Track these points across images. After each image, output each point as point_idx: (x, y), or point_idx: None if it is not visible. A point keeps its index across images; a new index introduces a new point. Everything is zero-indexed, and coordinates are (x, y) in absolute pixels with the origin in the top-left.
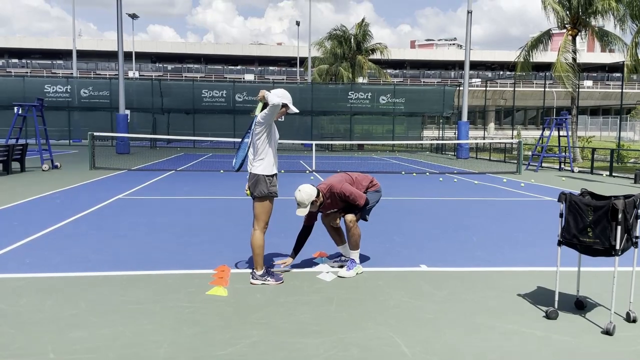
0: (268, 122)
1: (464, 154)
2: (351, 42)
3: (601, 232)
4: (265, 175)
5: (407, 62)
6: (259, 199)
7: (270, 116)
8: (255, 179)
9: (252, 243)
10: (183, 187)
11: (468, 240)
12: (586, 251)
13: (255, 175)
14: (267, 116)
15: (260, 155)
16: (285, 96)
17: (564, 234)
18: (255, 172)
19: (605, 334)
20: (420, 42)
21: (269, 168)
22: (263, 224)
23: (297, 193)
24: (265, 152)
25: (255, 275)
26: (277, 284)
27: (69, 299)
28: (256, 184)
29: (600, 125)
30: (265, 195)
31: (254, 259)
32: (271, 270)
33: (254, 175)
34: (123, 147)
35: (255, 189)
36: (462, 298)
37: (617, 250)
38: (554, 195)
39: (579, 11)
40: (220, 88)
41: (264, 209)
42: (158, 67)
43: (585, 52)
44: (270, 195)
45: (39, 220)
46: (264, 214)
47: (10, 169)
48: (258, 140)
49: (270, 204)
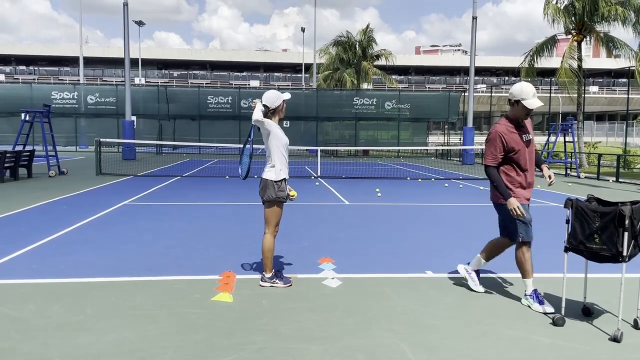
0: (263, 133)
1: (469, 160)
2: (356, 48)
3: (608, 238)
4: (273, 181)
5: (412, 68)
6: (268, 204)
7: (261, 129)
8: (264, 183)
9: (263, 246)
10: (189, 193)
11: (474, 246)
12: (593, 257)
13: (264, 180)
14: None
15: (271, 162)
16: (270, 98)
17: (571, 240)
18: (264, 177)
19: (613, 340)
20: (425, 48)
21: (278, 173)
22: (273, 228)
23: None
24: (275, 158)
25: (265, 277)
26: (285, 287)
27: (75, 304)
28: (265, 189)
29: (607, 131)
30: (273, 200)
31: (263, 261)
32: (280, 274)
33: (264, 180)
34: (129, 153)
35: (264, 193)
36: (469, 304)
37: (625, 256)
38: (560, 201)
39: (584, 17)
40: (225, 94)
41: (273, 214)
42: (164, 74)
43: (591, 58)
44: (278, 200)
45: (46, 226)
46: (273, 218)
47: (17, 175)
48: (267, 147)
49: (278, 208)
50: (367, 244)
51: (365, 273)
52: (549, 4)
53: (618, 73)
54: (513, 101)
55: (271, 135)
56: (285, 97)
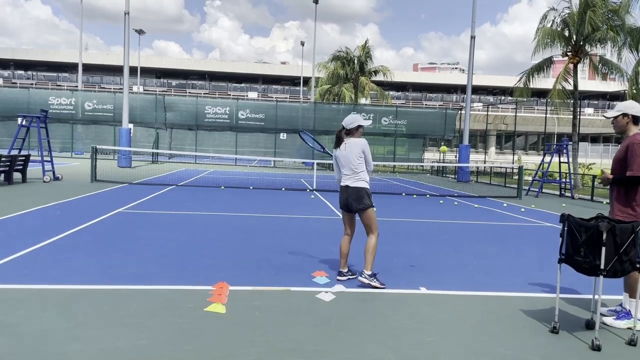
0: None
1: (464, 177)
2: (354, 63)
3: (590, 251)
4: (368, 188)
5: (410, 84)
6: (364, 211)
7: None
8: (359, 193)
9: (369, 246)
10: (184, 202)
11: (468, 263)
12: (579, 269)
13: (357, 190)
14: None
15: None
16: (347, 119)
17: (564, 253)
18: (359, 185)
19: (595, 349)
20: (423, 65)
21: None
22: (376, 231)
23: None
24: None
25: (365, 274)
26: (381, 287)
27: (67, 311)
28: (361, 198)
29: (601, 152)
30: (369, 206)
31: (367, 260)
32: (377, 275)
33: (357, 189)
34: (125, 160)
35: (360, 202)
36: (462, 322)
37: (602, 270)
38: (554, 221)
39: (578, 41)
40: (223, 105)
41: (373, 216)
42: (162, 83)
43: (586, 80)
44: (373, 205)
45: (39, 231)
46: (374, 221)
47: (11, 179)
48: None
49: (373, 211)
50: (361, 258)
51: (358, 288)
52: (543, 27)
53: (613, 96)
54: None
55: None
56: (361, 122)
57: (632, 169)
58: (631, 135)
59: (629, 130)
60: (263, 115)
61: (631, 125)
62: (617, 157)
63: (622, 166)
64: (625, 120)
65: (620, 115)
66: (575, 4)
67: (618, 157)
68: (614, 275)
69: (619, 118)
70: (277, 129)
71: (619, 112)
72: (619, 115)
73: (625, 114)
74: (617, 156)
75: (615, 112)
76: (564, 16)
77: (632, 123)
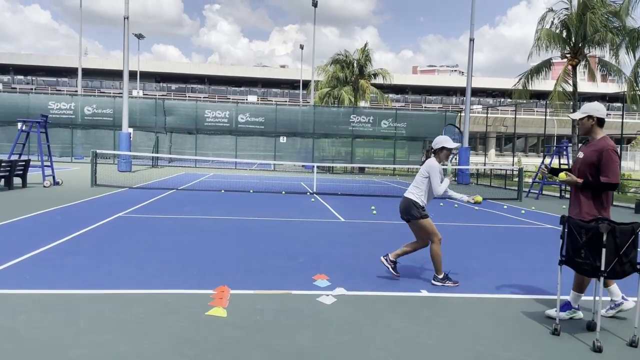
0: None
1: (464, 180)
2: (354, 66)
3: (590, 253)
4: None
5: (409, 87)
6: (410, 221)
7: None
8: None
9: (433, 254)
10: (184, 206)
11: (468, 266)
12: (580, 271)
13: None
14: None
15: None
16: (434, 140)
17: (564, 254)
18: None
19: (596, 351)
20: (423, 68)
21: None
22: (436, 238)
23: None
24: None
25: (437, 278)
26: (454, 286)
27: (68, 316)
28: (408, 208)
29: None
30: (420, 216)
31: (435, 266)
32: (448, 276)
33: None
34: (125, 165)
35: (407, 213)
36: (463, 324)
37: (602, 271)
38: (554, 222)
39: (577, 42)
40: (223, 109)
41: (424, 227)
42: (162, 87)
43: (585, 82)
44: (424, 216)
45: (39, 236)
46: (425, 231)
47: (12, 184)
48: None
49: (429, 220)
50: (362, 261)
51: (359, 290)
52: (542, 29)
53: (613, 97)
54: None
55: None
56: (445, 144)
57: (608, 175)
58: (602, 139)
59: (594, 132)
60: (263, 118)
61: (596, 128)
62: (588, 160)
63: (593, 170)
64: (591, 123)
65: (586, 117)
66: (574, 6)
67: (589, 160)
68: (614, 276)
69: (584, 120)
70: (277, 133)
71: (584, 114)
72: (584, 117)
73: (591, 116)
74: (587, 159)
75: (581, 114)
76: (563, 18)
77: (597, 125)
